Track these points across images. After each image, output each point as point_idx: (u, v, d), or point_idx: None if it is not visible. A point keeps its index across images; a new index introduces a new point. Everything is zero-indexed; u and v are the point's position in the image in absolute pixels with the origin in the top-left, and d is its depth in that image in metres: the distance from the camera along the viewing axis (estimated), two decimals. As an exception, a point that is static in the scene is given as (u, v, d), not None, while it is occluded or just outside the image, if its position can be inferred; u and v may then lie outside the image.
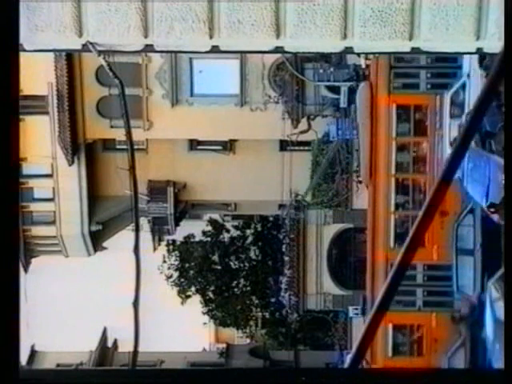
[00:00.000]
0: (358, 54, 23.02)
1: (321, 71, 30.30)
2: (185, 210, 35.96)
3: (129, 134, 8.61)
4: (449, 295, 24.39)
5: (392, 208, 25.61)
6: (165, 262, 38.09)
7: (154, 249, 36.87)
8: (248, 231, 38.06)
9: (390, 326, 25.75)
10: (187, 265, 38.01)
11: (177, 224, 35.47)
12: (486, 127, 19.67)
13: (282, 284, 31.48)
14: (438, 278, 25.47)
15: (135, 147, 9.77)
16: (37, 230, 33.87)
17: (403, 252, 3.53)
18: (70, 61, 30.77)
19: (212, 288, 38.16)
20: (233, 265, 37.81)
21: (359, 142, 27.39)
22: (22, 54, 6.17)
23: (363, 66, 28.76)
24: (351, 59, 29.66)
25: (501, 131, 19.03)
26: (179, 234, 37.31)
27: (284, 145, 33.79)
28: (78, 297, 49.14)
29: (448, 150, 21.55)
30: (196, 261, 37.60)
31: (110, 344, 38.22)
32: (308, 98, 31.40)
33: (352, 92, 30.03)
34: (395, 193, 25.74)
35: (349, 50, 7.38)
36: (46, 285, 42.74)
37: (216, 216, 38.55)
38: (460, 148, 3.55)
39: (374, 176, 25.96)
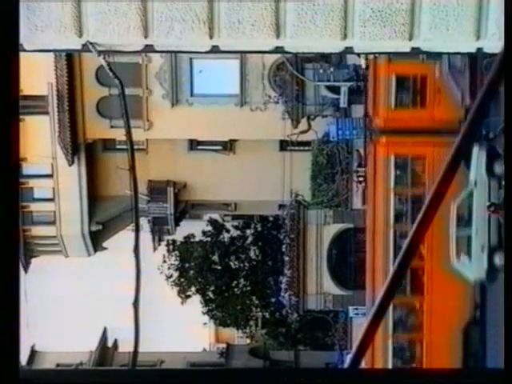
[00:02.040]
0: (358, 54, 22.95)
1: (321, 71, 30.30)
2: (185, 210, 35.98)
3: (129, 133, 8.60)
4: None
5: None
6: (165, 261, 38.08)
7: (154, 249, 36.88)
8: (248, 231, 38.07)
9: (393, 76, 24.22)
10: (187, 265, 38.00)
11: (177, 224, 35.49)
12: (487, 130, 19.66)
13: (282, 284, 31.43)
14: None
15: (135, 147, 9.77)
16: (37, 230, 33.88)
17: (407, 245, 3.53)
18: (70, 61, 30.78)
19: (212, 288, 38.16)
20: (233, 265, 37.81)
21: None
22: (22, 54, 6.16)
23: (363, 66, 28.75)
24: (351, 59, 29.66)
25: (501, 134, 19.02)
26: (179, 234, 37.32)
27: (284, 145, 33.79)
28: (77, 297, 49.17)
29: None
30: (196, 261, 37.59)
31: (110, 344, 38.24)
32: (308, 98, 31.39)
33: (352, 92, 30.03)
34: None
35: (349, 50, 7.38)
36: (46, 285, 42.75)
37: (216, 216, 38.55)
38: (459, 149, 3.55)
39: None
